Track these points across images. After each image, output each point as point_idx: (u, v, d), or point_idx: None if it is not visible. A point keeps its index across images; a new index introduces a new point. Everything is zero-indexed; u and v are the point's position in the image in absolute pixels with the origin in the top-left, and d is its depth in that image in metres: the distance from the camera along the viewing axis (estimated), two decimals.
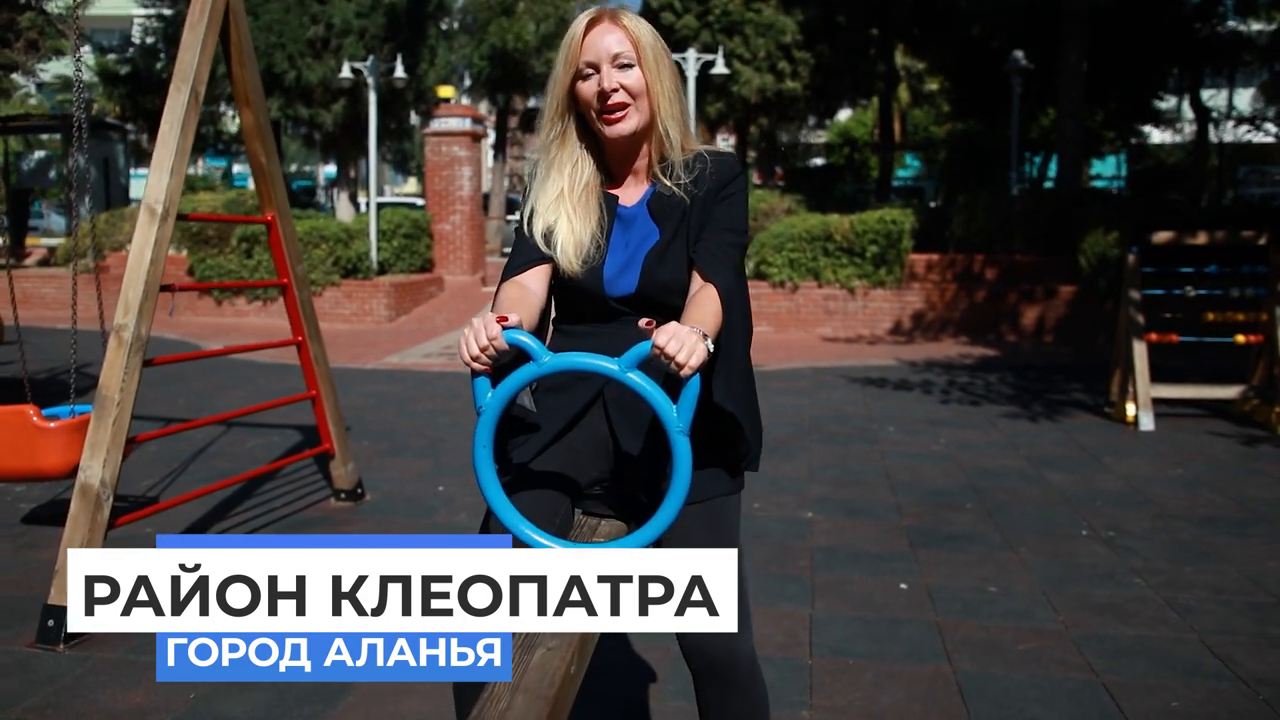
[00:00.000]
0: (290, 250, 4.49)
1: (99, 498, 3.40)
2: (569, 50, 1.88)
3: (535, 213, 1.95)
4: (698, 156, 1.94)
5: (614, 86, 1.85)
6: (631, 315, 1.92)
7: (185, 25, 3.83)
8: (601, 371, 1.60)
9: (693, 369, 1.55)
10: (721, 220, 1.91)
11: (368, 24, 15.59)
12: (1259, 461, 6.26)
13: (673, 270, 1.90)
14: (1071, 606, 3.76)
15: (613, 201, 1.97)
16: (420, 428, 7.13)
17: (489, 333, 1.58)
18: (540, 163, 1.99)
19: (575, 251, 1.91)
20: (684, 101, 1.96)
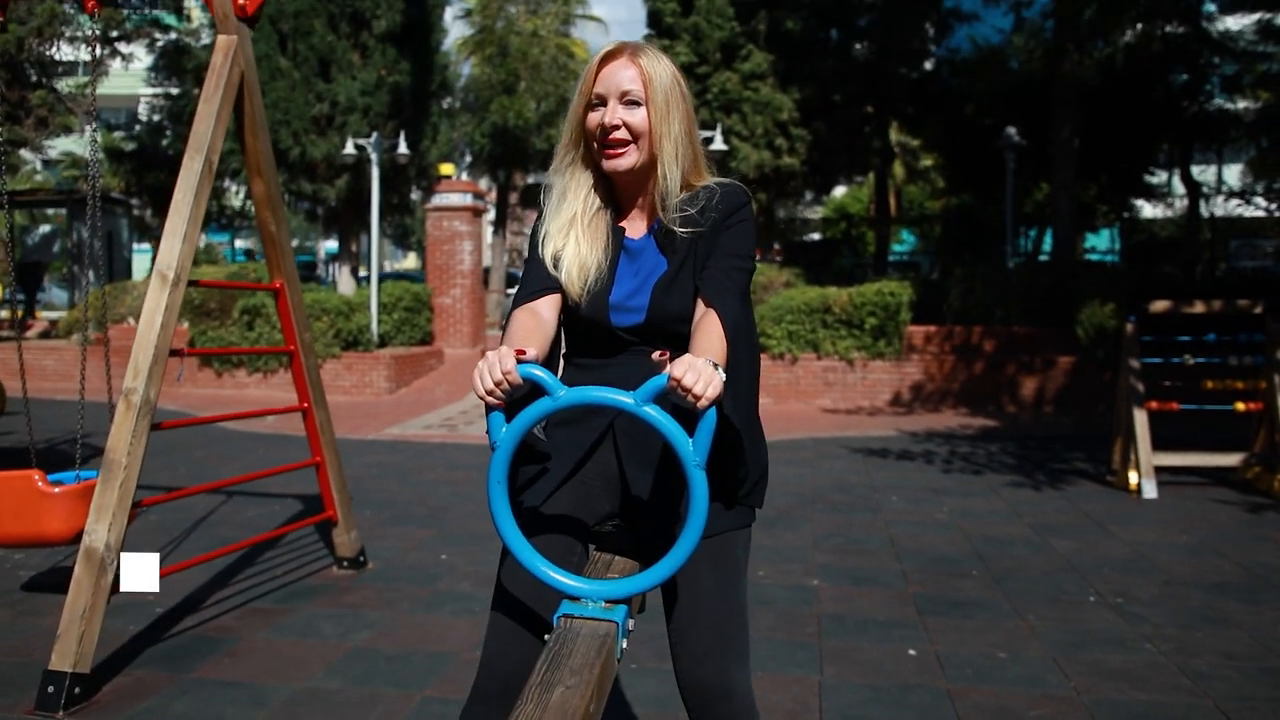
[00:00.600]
0: (298, 318, 4.52)
1: (103, 561, 3.38)
2: (584, 79, 1.93)
3: (548, 235, 1.98)
4: (706, 189, 1.95)
5: (615, 123, 1.88)
6: (641, 346, 1.94)
7: (200, 97, 3.91)
8: (617, 406, 1.60)
9: (709, 401, 1.55)
10: (727, 247, 1.92)
11: (372, 102, 15.89)
12: (1264, 528, 6.23)
13: (680, 300, 1.91)
14: (1083, 672, 3.72)
15: (619, 233, 1.99)
16: (422, 497, 7.10)
17: (504, 367, 1.59)
18: (554, 187, 2.02)
19: (580, 276, 1.94)
20: (696, 142, 1.96)
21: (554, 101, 21.59)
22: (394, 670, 3.64)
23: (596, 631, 1.63)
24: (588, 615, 1.68)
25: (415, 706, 3.32)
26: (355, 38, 15.94)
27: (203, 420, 4.50)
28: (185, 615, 4.24)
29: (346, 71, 15.93)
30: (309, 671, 3.62)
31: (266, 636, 4.00)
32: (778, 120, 15.13)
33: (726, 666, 1.83)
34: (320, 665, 3.68)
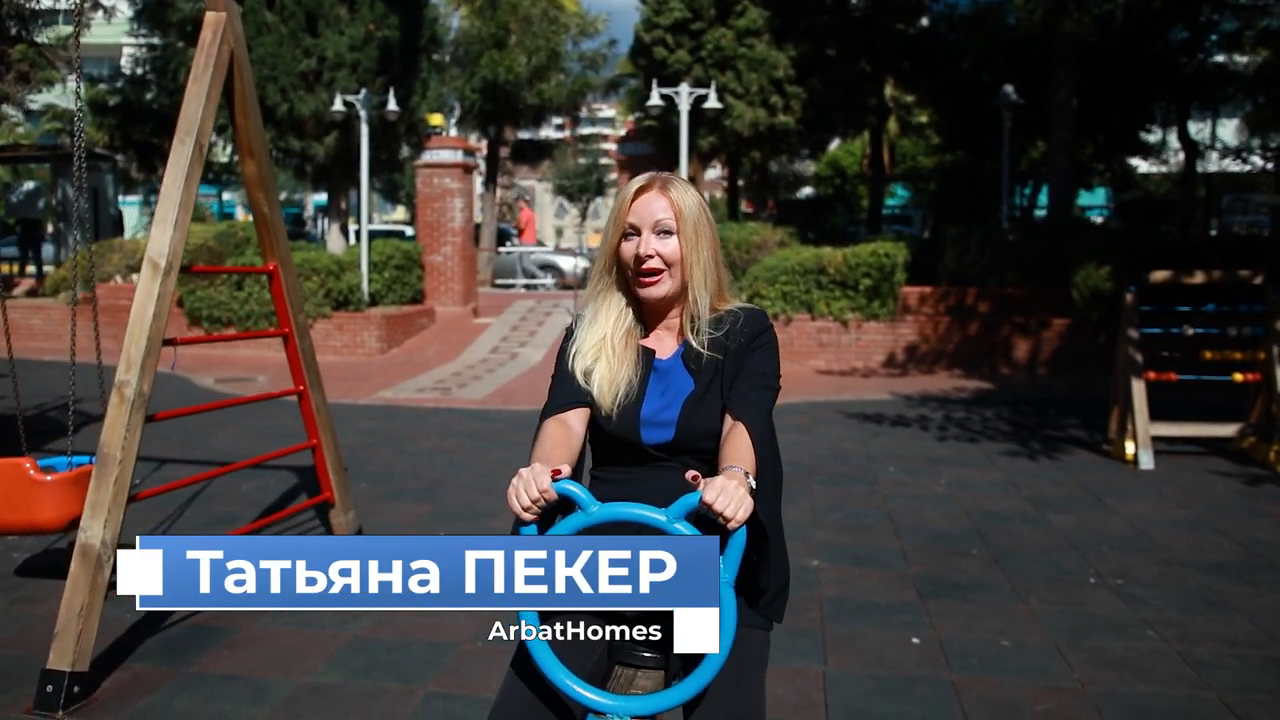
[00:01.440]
0: (292, 300, 4.44)
1: (99, 559, 3.33)
2: (618, 211, 2.05)
3: (579, 353, 2.08)
4: (730, 312, 2.07)
5: (650, 253, 2.00)
6: (666, 460, 2.03)
7: (189, 77, 3.80)
8: (649, 523, 1.65)
9: (739, 523, 1.62)
10: (753, 368, 2.02)
11: (360, 57, 15.60)
12: (1261, 502, 6.24)
13: (708, 419, 2.01)
14: (1087, 662, 3.72)
15: (649, 355, 2.09)
16: (418, 468, 7.06)
17: (539, 485, 1.67)
18: (588, 308, 2.14)
19: (611, 391, 2.02)
20: (721, 267, 2.08)
21: (544, 56, 21.29)
22: (395, 662, 3.62)
23: None
24: None
25: (419, 703, 3.30)
26: None
27: (199, 409, 4.43)
28: None
29: (334, 26, 15.62)
30: (310, 665, 3.59)
31: (265, 627, 3.96)
32: (773, 78, 14.92)
33: None
34: (321, 658, 3.65)
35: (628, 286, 2.09)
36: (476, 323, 17.08)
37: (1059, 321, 12.81)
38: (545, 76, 21.43)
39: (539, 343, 15.39)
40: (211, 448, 7.44)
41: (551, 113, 23.23)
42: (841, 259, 13.23)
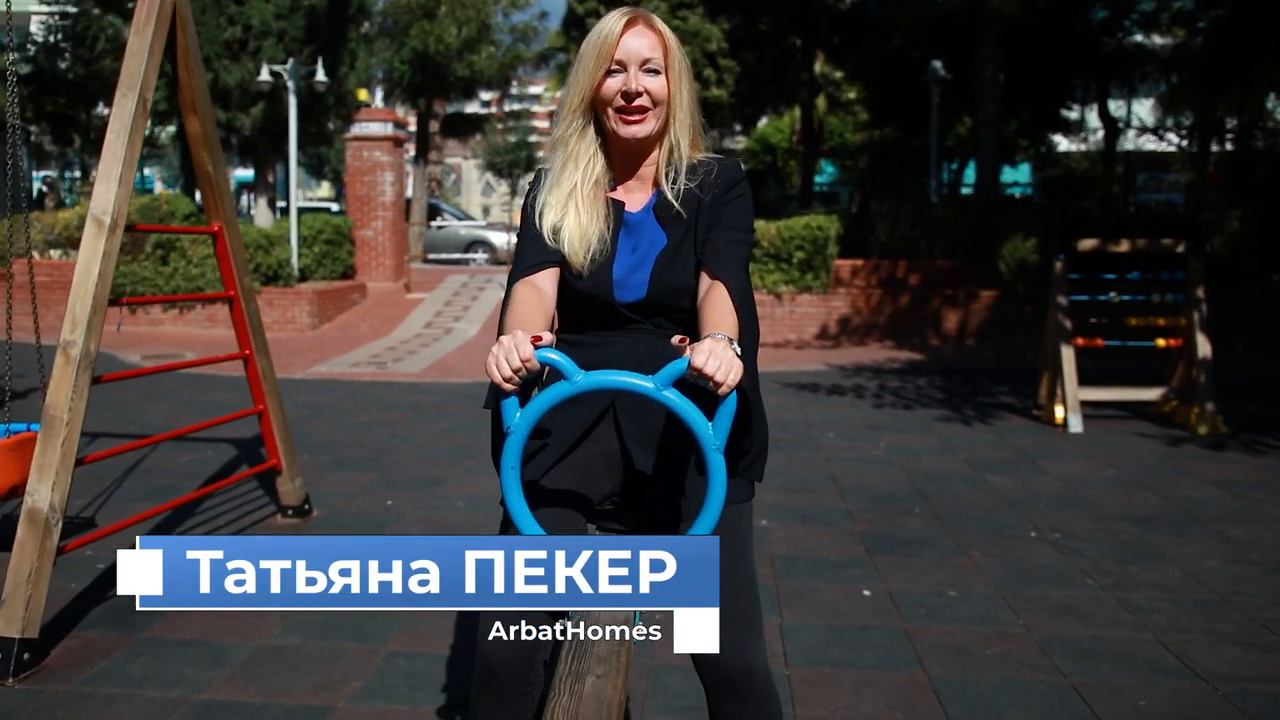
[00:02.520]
0: (237, 262, 4.35)
1: (48, 522, 3.25)
2: (602, 46, 1.89)
3: (547, 205, 1.96)
4: (702, 162, 1.97)
5: (639, 89, 1.88)
6: (639, 322, 1.96)
7: (131, 30, 3.69)
8: (638, 390, 1.59)
9: (731, 387, 1.56)
10: (728, 222, 1.94)
11: (287, 26, 15.25)
12: (1184, 461, 6.50)
13: (682, 273, 1.93)
14: (1030, 609, 3.85)
15: (619, 207, 1.99)
16: (359, 439, 6.99)
17: (522, 353, 1.58)
18: (556, 155, 1.99)
19: (583, 248, 1.93)
20: (698, 112, 1.99)
21: (475, 27, 20.98)
22: (353, 623, 3.59)
23: (615, 617, 1.62)
24: None
25: (380, 661, 3.29)
26: None
27: (147, 371, 4.34)
28: None
29: None
30: (266, 628, 3.55)
31: None
32: (706, 51, 14.94)
33: (744, 642, 1.82)
34: (277, 620, 3.61)
35: (601, 128, 1.96)
36: (409, 298, 16.88)
37: (986, 293, 13.12)
38: (476, 49, 21.14)
39: (473, 318, 15.28)
40: (145, 421, 7.27)
41: (482, 86, 22.95)
42: (775, 232, 13.36)
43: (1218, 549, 4.65)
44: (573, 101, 1.95)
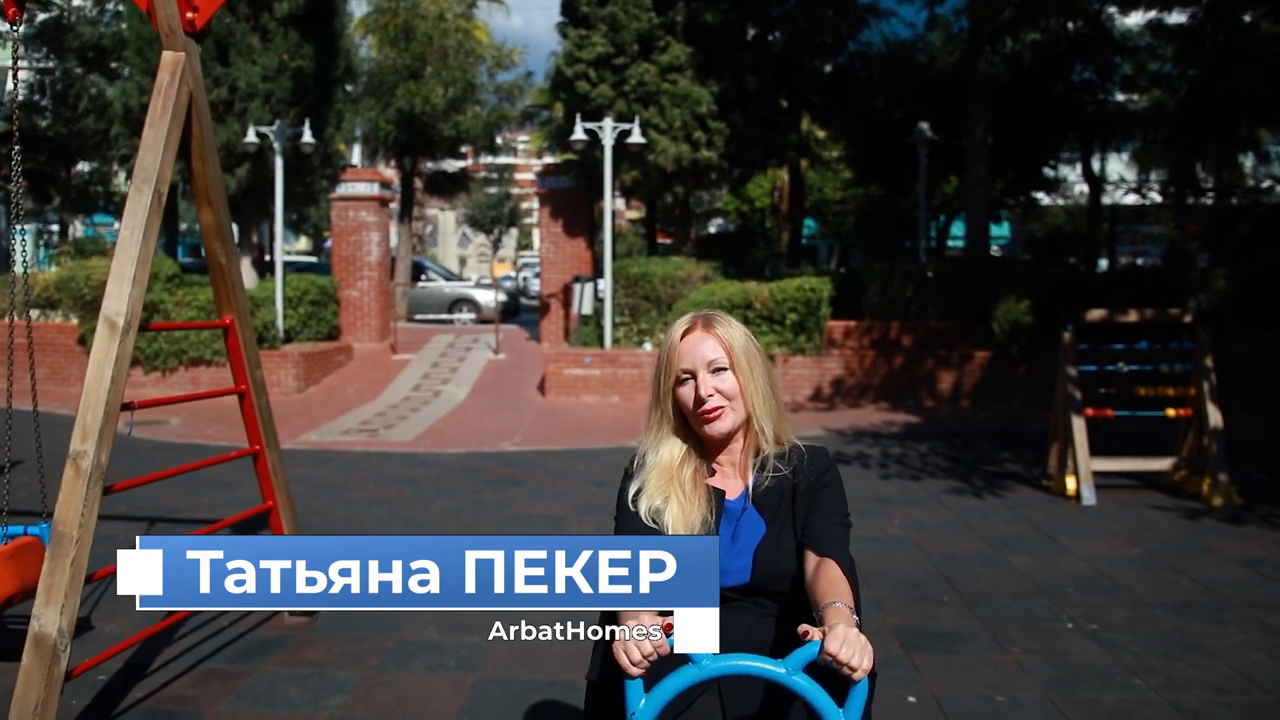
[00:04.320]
0: (249, 355, 4.19)
1: (55, 649, 3.04)
2: (667, 359, 2.02)
3: (644, 492, 2.02)
4: (793, 449, 2.05)
5: (709, 393, 1.98)
6: (737, 600, 1.99)
7: (146, 122, 3.55)
8: (769, 676, 1.60)
9: (865, 672, 1.57)
10: (827, 506, 2.00)
11: (274, 88, 15.15)
12: (1206, 537, 6.38)
13: (784, 561, 1.98)
14: (1085, 716, 3.69)
15: (720, 495, 2.04)
16: (358, 519, 6.78)
17: (653, 641, 1.61)
18: (649, 452, 2.07)
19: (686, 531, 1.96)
20: (778, 396, 2.07)
21: (461, 87, 21.01)
22: None
23: None
24: None
25: None
26: (255, 20, 15.16)
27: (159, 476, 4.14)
28: (134, 684, 3.89)
29: (246, 56, 15.14)
30: None
31: (230, 708, 3.68)
32: (696, 113, 14.96)
33: None
34: None
35: (687, 428, 2.06)
36: (395, 359, 16.69)
37: (980, 354, 13.08)
38: (461, 108, 21.16)
39: (462, 379, 15.09)
40: (136, 503, 7.02)
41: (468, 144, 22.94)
42: (768, 294, 13.30)
43: (1260, 640, 4.51)
44: (654, 412, 2.08)
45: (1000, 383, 12.89)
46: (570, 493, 7.69)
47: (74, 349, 14.26)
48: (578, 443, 10.07)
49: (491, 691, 3.86)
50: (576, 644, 4.27)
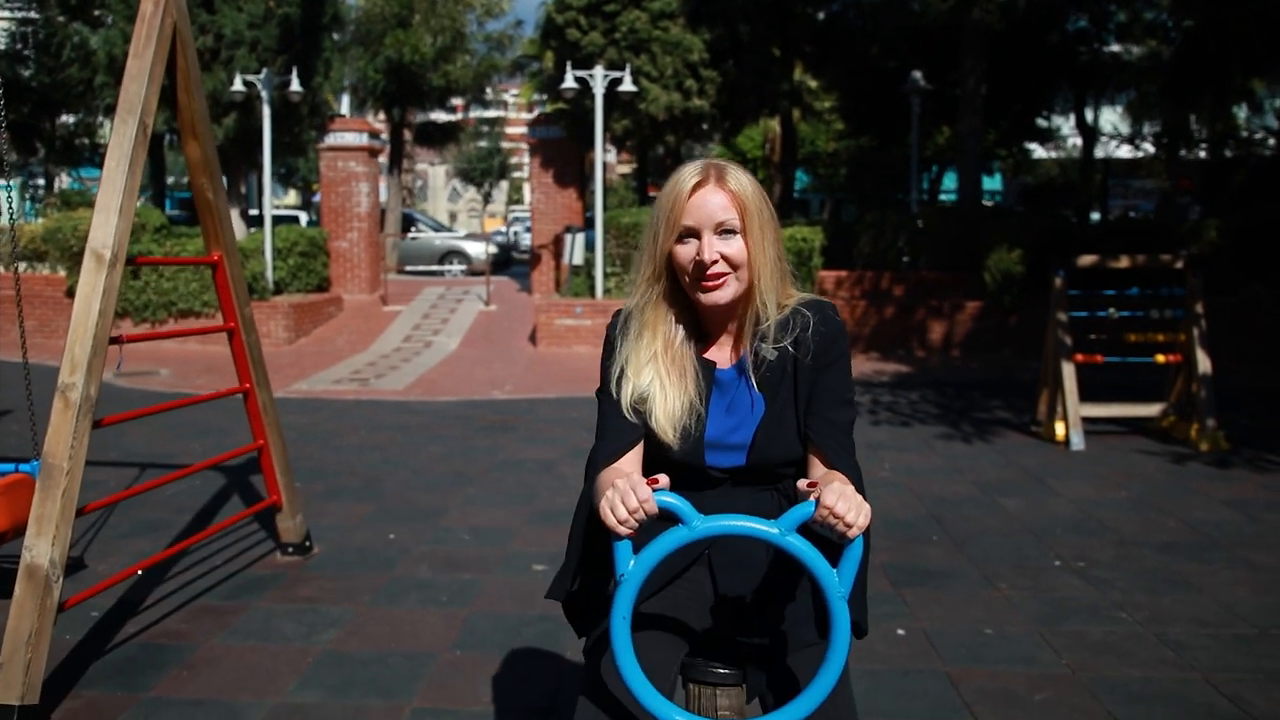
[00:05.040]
0: (237, 291, 4.16)
1: (48, 579, 3.04)
2: (671, 211, 1.78)
3: (625, 375, 1.85)
4: (795, 312, 1.84)
5: (714, 258, 1.76)
6: (732, 481, 1.89)
7: (130, 52, 3.49)
8: (761, 536, 1.54)
9: (860, 529, 1.52)
10: (832, 390, 1.83)
11: (260, 35, 14.94)
12: (1192, 480, 6.43)
13: (785, 444, 1.84)
14: (1071, 647, 3.73)
15: (709, 366, 1.87)
16: (351, 465, 6.78)
17: (639, 495, 1.52)
18: (633, 319, 1.89)
19: (669, 420, 1.82)
20: (784, 260, 1.86)
21: (449, 36, 20.73)
22: (373, 677, 3.41)
23: None
24: None
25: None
26: None
27: (150, 411, 4.13)
28: (127, 619, 3.90)
29: (232, 3, 14.91)
30: (280, 683, 3.36)
31: (223, 642, 3.70)
32: (687, 61, 14.80)
33: None
34: (291, 675, 3.42)
35: (680, 293, 1.86)
36: (386, 310, 16.64)
37: (971, 304, 13.10)
38: (450, 57, 20.90)
39: (452, 330, 15.06)
40: (125, 448, 7.01)
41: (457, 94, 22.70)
42: None
43: (1245, 577, 4.56)
44: (645, 270, 1.85)
45: (991, 333, 12.92)
46: (563, 439, 7.70)
47: (62, 300, 14.17)
48: (569, 391, 10.07)
49: (483, 625, 3.89)
50: None
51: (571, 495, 5.98)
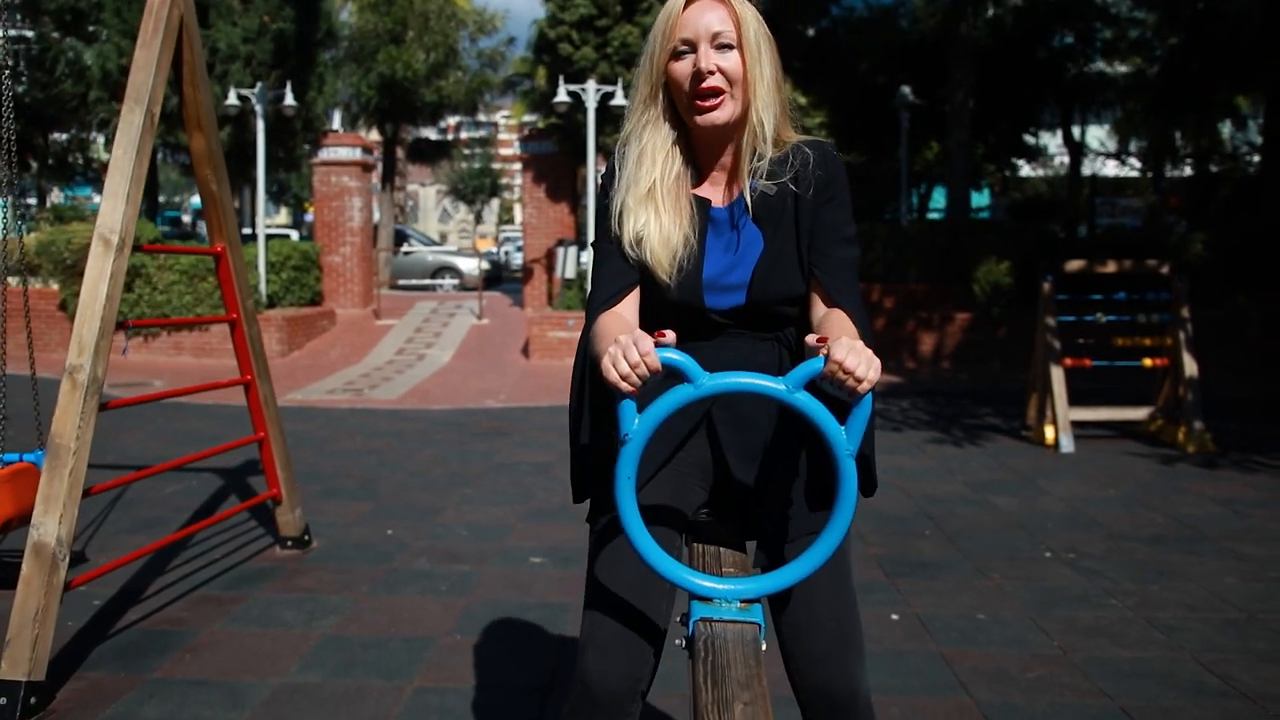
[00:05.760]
0: (240, 284, 4.21)
1: (55, 558, 3.08)
2: (666, 24, 1.73)
3: (625, 207, 1.78)
4: (795, 149, 1.78)
5: (711, 68, 1.69)
6: (733, 327, 1.81)
7: (137, 43, 3.55)
8: (768, 393, 1.46)
9: (871, 384, 1.43)
10: (833, 227, 1.77)
11: (254, 50, 15.04)
12: (1181, 480, 6.51)
13: (786, 281, 1.77)
14: (1062, 631, 3.78)
15: (704, 204, 1.81)
16: (346, 468, 6.81)
17: (641, 349, 1.44)
18: (628, 151, 1.81)
19: (667, 255, 1.75)
20: (783, 89, 1.79)
21: (443, 52, 20.89)
22: (374, 659, 3.45)
23: (744, 636, 1.51)
24: (726, 618, 1.56)
25: (408, 699, 3.15)
26: None
27: (152, 397, 4.17)
28: (129, 607, 3.93)
29: (227, 17, 15.02)
30: (282, 665, 3.39)
31: (225, 628, 3.74)
32: None
33: (849, 666, 1.73)
34: (293, 657, 3.46)
35: (676, 117, 1.78)
36: (379, 324, 16.67)
37: (961, 316, 13.19)
38: (443, 74, 21.05)
39: (445, 344, 15.10)
40: (122, 451, 7.03)
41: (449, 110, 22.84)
42: None
43: (1234, 567, 4.63)
44: (641, 91, 1.79)
45: (980, 345, 13.02)
46: (557, 443, 7.75)
47: (55, 314, 14.17)
48: (563, 400, 10.10)
49: (481, 613, 3.93)
50: (566, 571, 4.33)
51: (566, 494, 5.99)
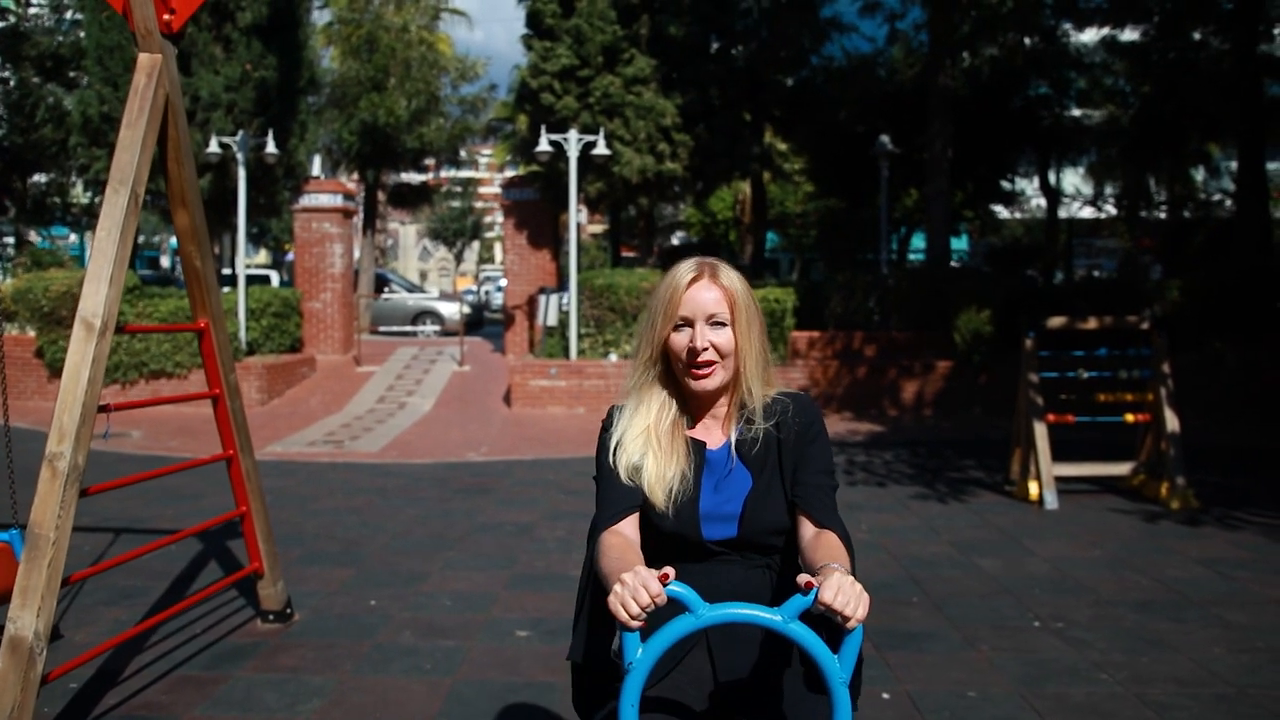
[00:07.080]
0: (223, 358, 4.17)
1: (32, 652, 3.01)
2: (669, 302, 1.96)
3: (621, 446, 2.00)
4: (776, 400, 2.03)
5: (705, 345, 1.93)
6: (726, 554, 1.99)
7: (122, 123, 3.54)
8: (764, 624, 1.60)
9: (859, 619, 1.58)
10: (816, 463, 1.99)
11: (237, 98, 15.06)
12: (1165, 539, 6.52)
13: (773, 514, 1.97)
14: (1054, 710, 3.76)
15: (700, 446, 2.02)
16: (328, 529, 6.74)
17: (651, 590, 1.59)
18: (628, 402, 2.06)
19: (663, 488, 1.95)
20: (768, 351, 2.04)
21: (424, 99, 21.00)
22: None
23: None
24: None
25: None
26: (218, 29, 15.09)
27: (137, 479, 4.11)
28: (106, 690, 3.85)
29: (209, 66, 15.05)
30: None
31: (206, 712, 3.66)
32: (660, 125, 15.07)
33: None
34: None
35: (673, 378, 2.03)
36: (359, 371, 16.59)
37: (942, 363, 13.26)
38: (425, 120, 21.15)
39: (426, 392, 15.04)
40: (97, 513, 6.92)
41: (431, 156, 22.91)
42: None
43: (1220, 636, 4.62)
44: (643, 353, 2.03)
45: (962, 392, 13.08)
46: (540, 501, 7.69)
47: (31, 361, 14.05)
48: (545, 453, 10.07)
49: (468, 693, 3.87)
50: (553, 647, 4.28)
51: (550, 558, 5.98)
